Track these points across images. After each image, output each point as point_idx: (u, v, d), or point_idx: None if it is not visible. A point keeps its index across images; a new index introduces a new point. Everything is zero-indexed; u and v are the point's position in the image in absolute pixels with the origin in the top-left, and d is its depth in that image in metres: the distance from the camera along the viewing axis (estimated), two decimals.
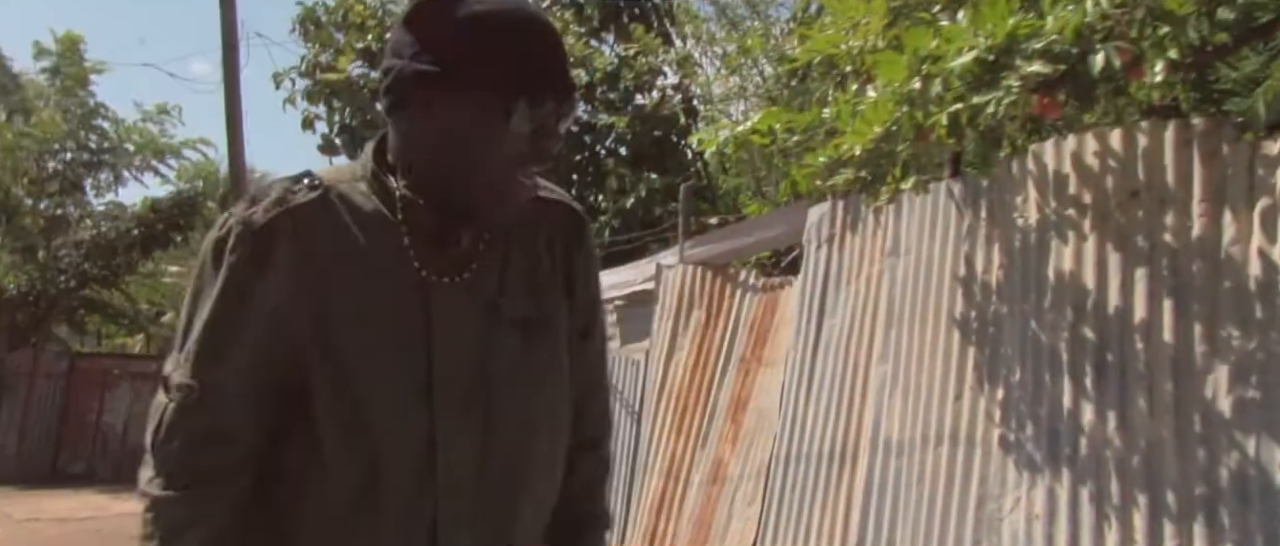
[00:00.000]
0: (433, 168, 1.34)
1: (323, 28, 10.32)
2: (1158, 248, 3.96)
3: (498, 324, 1.39)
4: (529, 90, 1.28)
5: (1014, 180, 4.46)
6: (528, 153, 1.31)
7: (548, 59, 1.33)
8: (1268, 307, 3.64)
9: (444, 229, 1.37)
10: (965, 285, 4.66)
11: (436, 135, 1.32)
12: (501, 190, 1.33)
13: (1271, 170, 3.72)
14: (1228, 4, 3.69)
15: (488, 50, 1.28)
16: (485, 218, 1.36)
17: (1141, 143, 4.05)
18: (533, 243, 1.47)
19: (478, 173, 1.32)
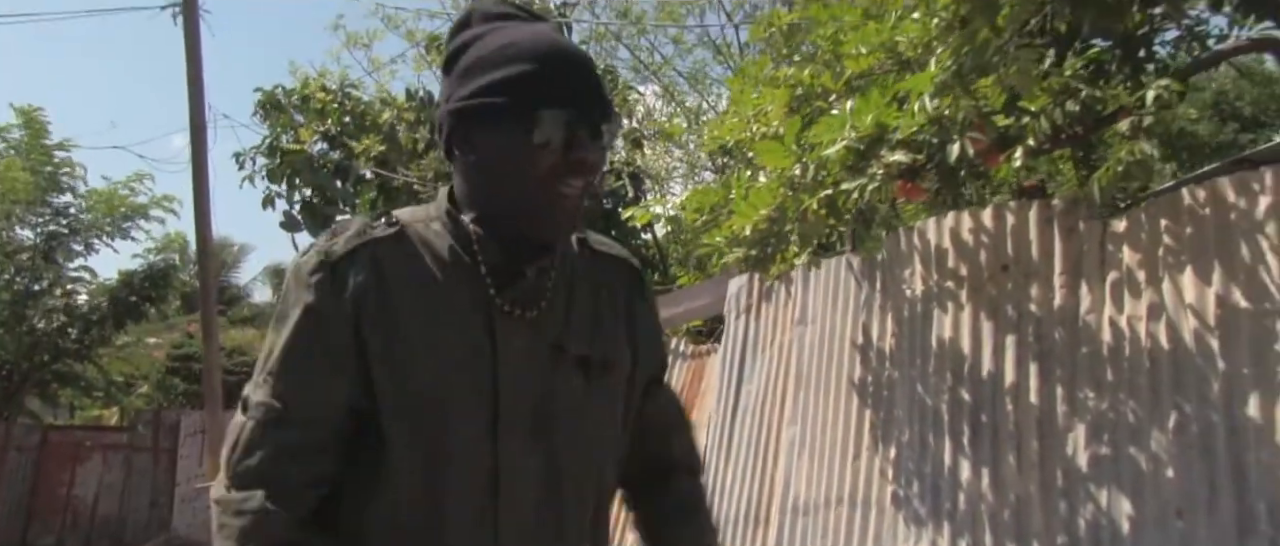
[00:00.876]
0: (482, 199, 1.40)
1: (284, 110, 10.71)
2: (1024, 316, 4.30)
3: (562, 362, 1.42)
4: (546, 102, 1.31)
5: (902, 254, 4.82)
6: (562, 166, 1.33)
7: (562, 71, 1.35)
8: (1117, 370, 3.98)
9: (510, 264, 1.40)
10: (862, 352, 4.99)
11: (478, 167, 1.38)
12: (543, 207, 1.35)
13: (1119, 246, 4.09)
14: (1074, 98, 4.08)
15: (505, 75, 1.33)
16: (534, 237, 1.39)
17: (1010, 221, 4.43)
18: (595, 291, 1.51)
19: (516, 193, 1.35)
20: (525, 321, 1.40)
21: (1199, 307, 3.77)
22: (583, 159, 1.34)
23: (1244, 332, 3.63)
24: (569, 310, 1.46)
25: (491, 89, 1.33)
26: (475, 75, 1.35)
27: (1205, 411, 3.67)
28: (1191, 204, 3.88)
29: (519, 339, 1.39)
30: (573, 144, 1.33)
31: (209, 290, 12.02)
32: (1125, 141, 3.82)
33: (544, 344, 1.41)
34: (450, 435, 1.34)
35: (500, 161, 1.35)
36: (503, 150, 1.34)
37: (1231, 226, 3.74)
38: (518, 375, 1.38)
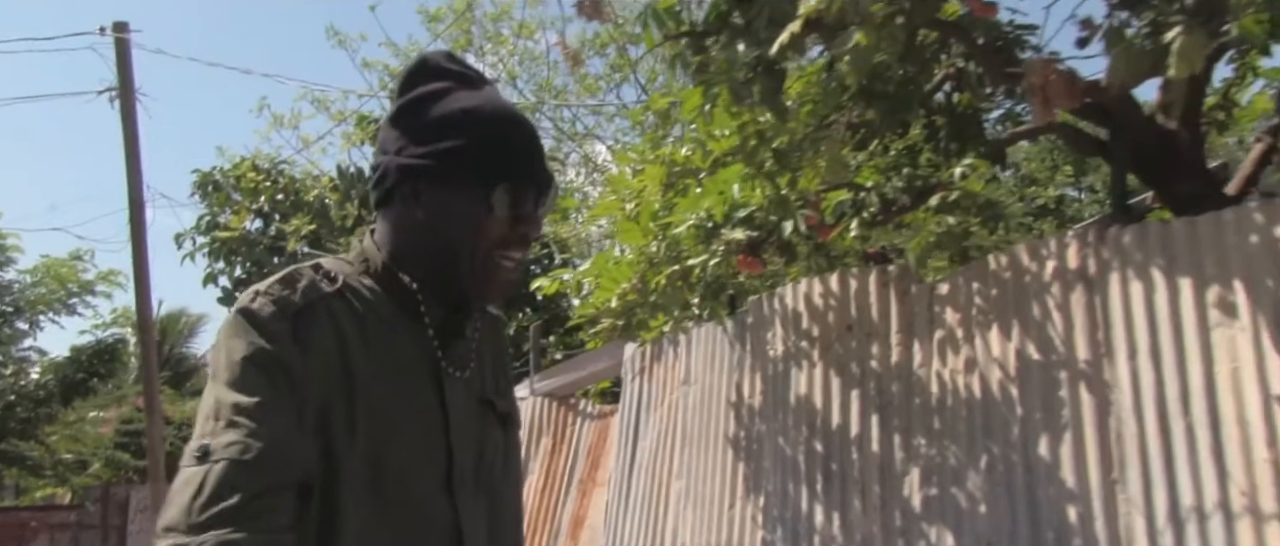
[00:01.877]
0: (425, 256, 1.38)
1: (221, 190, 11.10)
2: (867, 372, 4.78)
3: (489, 419, 1.45)
4: (509, 177, 1.34)
5: (766, 317, 5.29)
6: (510, 237, 1.36)
7: (526, 149, 1.39)
8: (942, 419, 4.45)
9: (449, 322, 1.41)
10: (736, 409, 5.43)
11: (424, 224, 1.36)
12: (487, 273, 1.36)
13: (944, 307, 4.58)
14: (899, 174, 4.60)
15: (470, 141, 1.34)
16: (477, 301, 1.40)
17: (853, 286, 4.91)
18: (492, 345, 1.53)
19: (464, 257, 1.35)
20: (462, 380, 1.41)
21: (1002, 360, 4.26)
22: (528, 233, 1.38)
23: (1036, 382, 4.12)
24: (482, 365, 1.48)
25: (454, 153, 1.34)
26: (435, 135, 1.35)
27: (1008, 452, 4.15)
28: (996, 268, 4.39)
29: (459, 397, 1.40)
30: (521, 217, 1.36)
31: (151, 364, 12.27)
32: (934, 214, 4.33)
33: (474, 400, 1.43)
34: (415, 494, 1.32)
35: (452, 223, 1.34)
36: (457, 214, 1.34)
37: (1026, 288, 4.25)
38: (463, 432, 1.39)
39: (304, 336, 1.27)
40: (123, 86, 12.53)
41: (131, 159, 12.39)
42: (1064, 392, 4.04)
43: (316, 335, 1.28)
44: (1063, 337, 4.09)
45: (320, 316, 1.30)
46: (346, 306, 1.33)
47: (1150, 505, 3.70)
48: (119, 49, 12.39)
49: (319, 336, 1.28)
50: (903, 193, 4.60)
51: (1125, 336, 3.92)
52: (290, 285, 1.31)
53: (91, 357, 18.38)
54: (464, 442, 1.39)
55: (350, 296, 1.35)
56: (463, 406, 1.40)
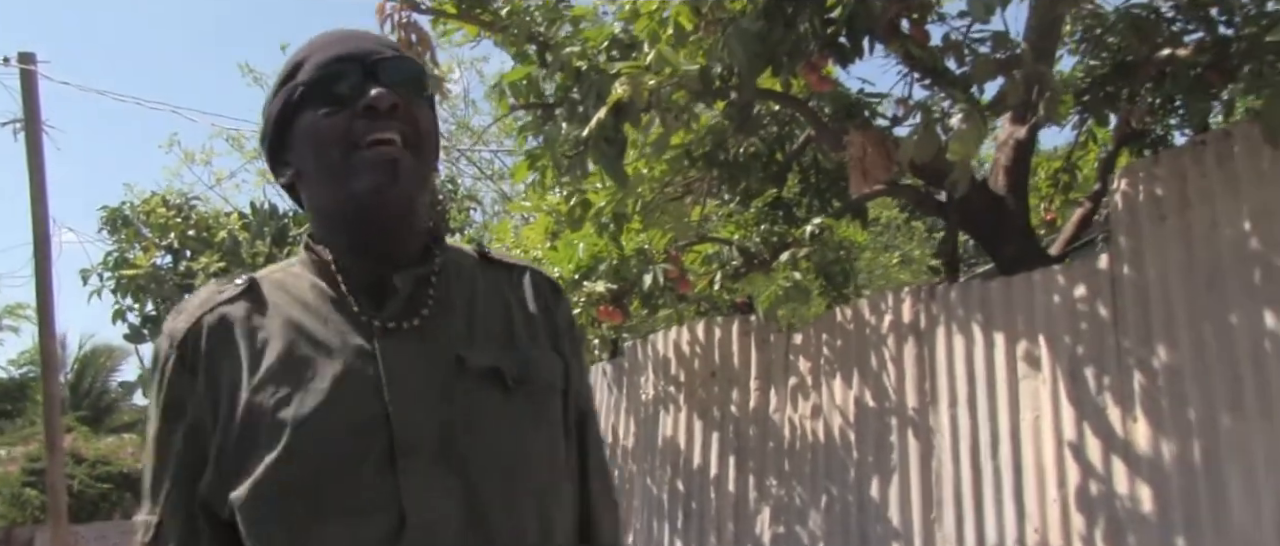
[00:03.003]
0: (319, 206, 1.31)
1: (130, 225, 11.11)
2: (726, 416, 5.07)
3: (465, 376, 1.24)
4: (330, 65, 1.27)
5: (639, 363, 5.57)
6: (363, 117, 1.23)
7: (339, 39, 1.32)
8: (792, 461, 4.75)
9: (377, 275, 1.26)
10: (611, 450, 5.68)
11: (303, 179, 1.30)
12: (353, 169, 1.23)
13: (797, 355, 4.90)
14: (756, 229, 4.92)
15: (290, 66, 1.31)
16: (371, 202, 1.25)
17: (718, 334, 5.22)
18: (503, 300, 1.35)
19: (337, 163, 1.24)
20: (413, 335, 1.24)
21: (843, 407, 4.59)
22: (375, 103, 1.23)
23: (871, 427, 4.45)
24: (470, 321, 1.30)
25: (283, 82, 1.31)
26: (273, 90, 1.33)
27: (845, 493, 4.46)
28: (841, 320, 4.72)
29: (408, 356, 1.23)
30: (363, 92, 1.24)
31: (54, 401, 12.14)
32: (784, 268, 4.65)
33: (443, 358, 1.24)
34: (344, 476, 1.17)
35: (313, 140, 1.26)
36: (311, 128, 1.26)
37: (866, 340, 4.59)
38: (412, 395, 1.20)
39: (193, 358, 1.23)
40: (28, 118, 12.44)
41: (36, 192, 12.30)
42: (894, 437, 4.37)
43: (206, 349, 1.23)
44: (895, 386, 4.43)
45: (209, 327, 1.24)
46: (255, 301, 1.27)
47: (961, 541, 4.03)
48: (25, 80, 12.33)
49: (209, 349, 1.23)
50: (762, 247, 4.92)
51: (948, 386, 4.26)
52: (180, 309, 1.29)
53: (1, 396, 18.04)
54: (408, 408, 1.19)
55: (264, 291, 1.28)
56: (410, 366, 1.22)
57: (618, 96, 3.06)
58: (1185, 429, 3.58)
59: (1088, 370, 3.89)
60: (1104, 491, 3.73)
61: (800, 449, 4.73)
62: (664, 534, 5.10)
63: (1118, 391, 3.80)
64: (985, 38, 3.50)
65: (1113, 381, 3.82)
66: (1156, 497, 3.59)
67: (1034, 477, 3.92)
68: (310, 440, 1.17)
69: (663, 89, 3.08)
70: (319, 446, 1.17)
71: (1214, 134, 3.74)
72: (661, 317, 5.13)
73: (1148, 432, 3.68)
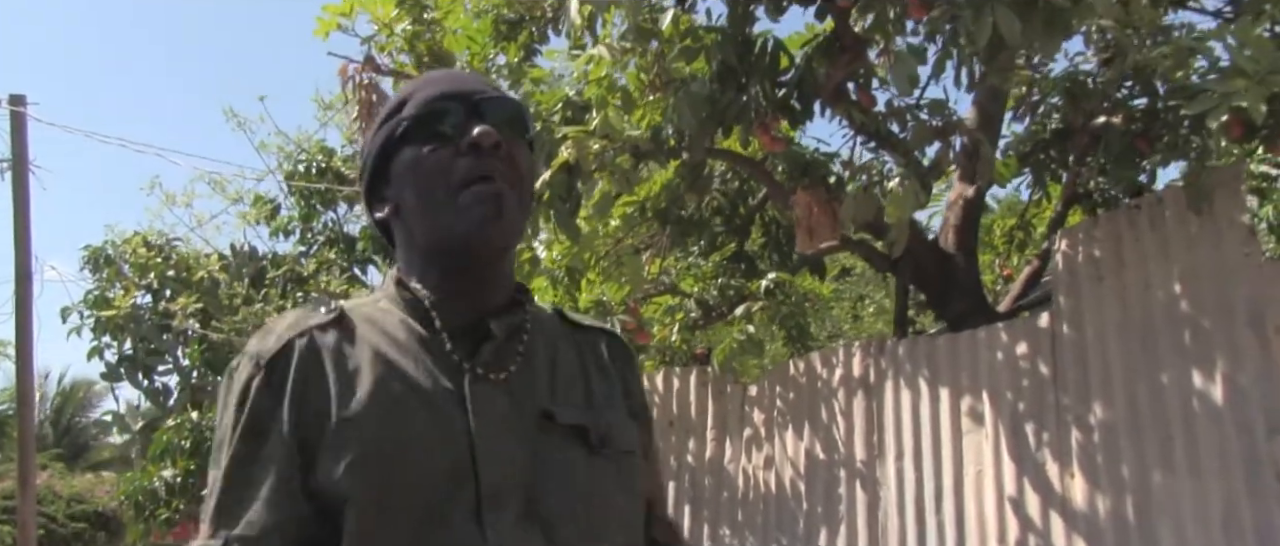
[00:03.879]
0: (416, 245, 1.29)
1: (111, 264, 11.17)
2: (683, 466, 5.14)
3: (553, 432, 1.24)
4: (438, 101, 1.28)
5: None
6: (461, 165, 1.23)
7: (433, 82, 1.33)
8: (745, 511, 4.82)
9: (472, 322, 1.25)
10: None
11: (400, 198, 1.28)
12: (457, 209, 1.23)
13: (753, 407, 4.99)
14: (714, 282, 5.02)
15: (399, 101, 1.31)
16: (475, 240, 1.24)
17: (676, 384, 5.30)
18: (582, 359, 1.35)
19: (441, 200, 1.23)
20: (502, 386, 1.23)
21: (795, 459, 4.66)
22: (479, 140, 1.24)
23: (820, 478, 4.52)
24: (554, 377, 1.29)
25: (388, 117, 1.31)
26: (377, 125, 1.33)
27: (794, 544, 4.52)
28: (794, 374, 4.81)
29: (498, 406, 1.21)
30: (467, 130, 1.24)
31: (27, 438, 12.12)
32: (739, 322, 4.75)
33: (529, 412, 1.23)
34: (428, 522, 1.15)
35: (417, 175, 1.25)
36: (414, 162, 1.26)
37: (818, 393, 4.67)
38: (500, 446, 1.19)
39: (281, 382, 1.20)
40: (16, 158, 12.55)
41: (20, 230, 12.37)
42: (842, 489, 4.44)
43: (296, 374, 1.20)
44: (844, 439, 4.51)
45: (300, 352, 1.21)
46: (345, 334, 1.24)
47: None
48: (14, 121, 12.45)
49: (299, 374, 1.20)
50: (719, 300, 5.03)
51: (894, 439, 4.35)
52: (269, 332, 1.26)
53: None
54: (496, 458, 1.18)
55: (352, 323, 1.25)
56: (499, 416, 1.21)
57: (563, 159, 3.17)
58: (1119, 485, 3.67)
59: (1028, 426, 3.99)
60: (1041, 544, 3.81)
61: (753, 499, 4.80)
62: None
63: (1056, 447, 3.89)
64: (925, 105, 3.63)
65: (1051, 437, 3.91)
66: None
67: (976, 531, 3.99)
68: (399, 481, 1.15)
69: (606, 153, 3.19)
70: (407, 488, 1.16)
71: (1147, 198, 3.87)
72: None
73: (1084, 488, 3.76)
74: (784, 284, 4.91)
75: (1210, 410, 3.49)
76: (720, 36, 3.80)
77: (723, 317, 5.15)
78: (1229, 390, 3.46)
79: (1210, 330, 3.56)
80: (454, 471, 1.16)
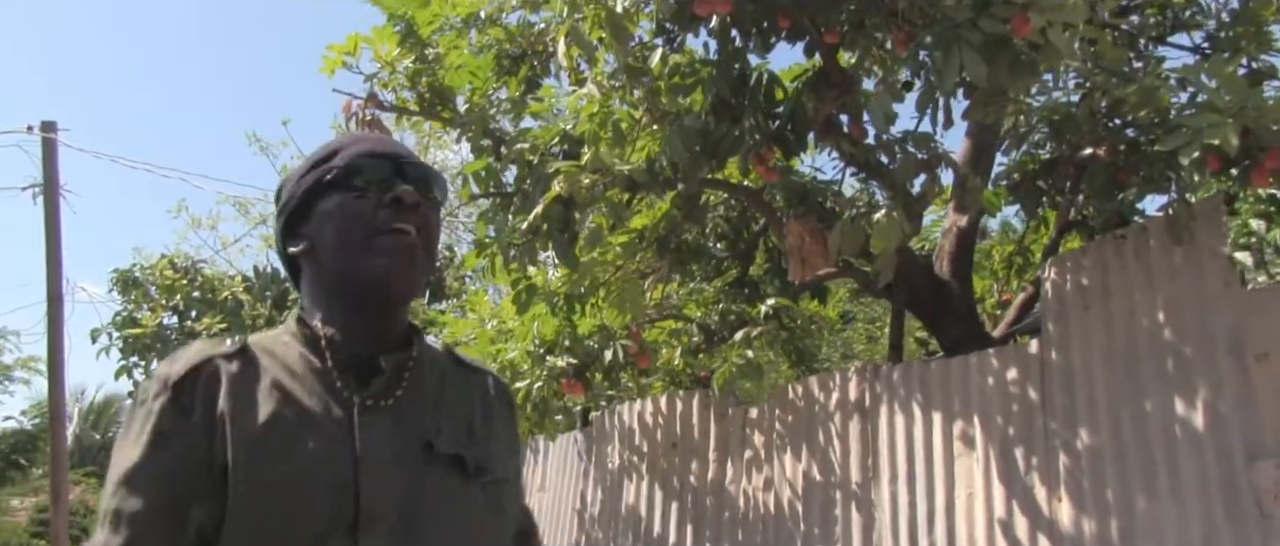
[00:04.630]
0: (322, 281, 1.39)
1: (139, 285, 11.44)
2: (685, 486, 5.24)
3: (433, 461, 1.33)
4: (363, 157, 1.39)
5: (607, 433, 5.76)
6: (388, 207, 1.36)
7: (373, 140, 1.45)
8: (745, 530, 4.91)
9: (365, 358, 1.35)
10: (579, 515, 5.85)
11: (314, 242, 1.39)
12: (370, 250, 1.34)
13: (753, 429, 5.08)
14: (715, 308, 5.13)
15: (326, 153, 1.42)
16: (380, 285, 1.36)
17: (679, 407, 5.41)
18: (467, 397, 1.46)
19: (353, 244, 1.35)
20: (387, 415, 1.33)
21: (793, 480, 4.76)
22: (402, 196, 1.36)
23: (817, 500, 4.61)
24: (438, 409, 1.40)
25: (315, 164, 1.41)
26: (302, 171, 1.43)
27: None
28: (793, 397, 4.91)
29: (381, 434, 1.31)
30: (391, 186, 1.37)
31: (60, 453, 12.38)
32: (738, 347, 4.86)
33: (413, 441, 1.33)
34: (309, 538, 1.24)
35: (340, 218, 1.37)
36: (339, 207, 1.37)
37: (815, 416, 4.77)
38: (382, 471, 1.29)
39: (187, 403, 1.29)
40: (47, 183, 12.83)
41: (52, 252, 12.65)
42: (838, 511, 4.53)
43: (200, 397, 1.29)
44: (840, 461, 4.60)
45: (204, 379, 1.30)
46: (247, 365, 1.34)
47: None
48: (46, 148, 12.75)
49: (203, 397, 1.29)
50: (720, 325, 5.13)
51: (888, 462, 4.43)
52: (176, 358, 1.35)
53: (10, 446, 18.30)
54: (377, 481, 1.28)
55: (255, 355, 1.35)
56: (384, 443, 1.31)
57: (555, 193, 3.31)
58: (1104, 508, 3.74)
59: (1017, 450, 4.06)
60: None
61: (753, 519, 4.89)
62: None
63: (1044, 471, 3.96)
64: (910, 138, 3.73)
65: (1040, 461, 3.99)
66: None
67: None
68: (286, 502, 1.24)
69: (596, 188, 3.32)
70: (292, 509, 1.24)
71: (1133, 228, 3.95)
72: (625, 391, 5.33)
73: (1071, 511, 3.83)
74: (787, 308, 5.01)
75: (1191, 436, 3.56)
76: (715, 70, 3.93)
77: (724, 341, 5.25)
78: (1210, 416, 3.53)
79: (1192, 357, 3.63)
80: (338, 492, 1.25)
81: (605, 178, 3.37)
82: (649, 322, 5.16)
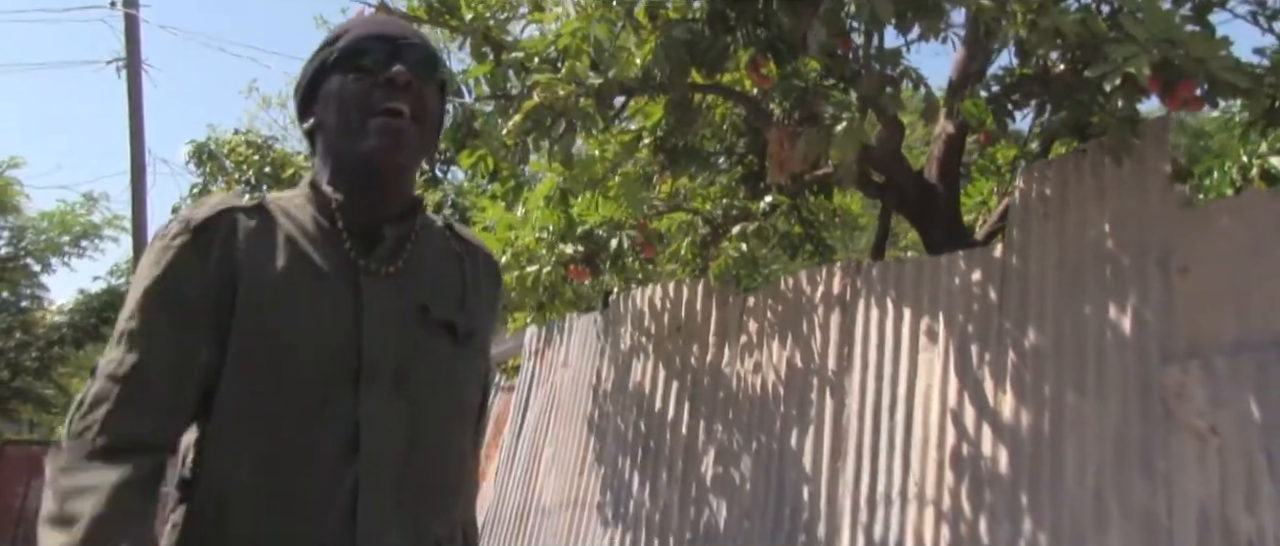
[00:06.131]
0: (330, 154, 1.48)
1: (214, 159, 12.13)
2: (686, 367, 5.70)
3: (427, 324, 1.44)
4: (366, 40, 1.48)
5: (620, 315, 6.22)
6: (384, 86, 1.44)
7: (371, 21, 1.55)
8: (734, 409, 5.37)
9: (370, 225, 1.45)
10: (594, 392, 6.37)
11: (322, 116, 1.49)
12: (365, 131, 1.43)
13: (749, 316, 5.49)
14: (721, 202, 5.49)
15: (334, 35, 1.52)
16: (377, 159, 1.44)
17: (685, 293, 5.82)
18: (460, 268, 1.56)
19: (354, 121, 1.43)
20: (389, 280, 1.43)
21: (778, 365, 5.17)
22: (395, 77, 1.43)
23: (797, 384, 5.03)
24: (436, 278, 1.50)
25: (323, 46, 1.51)
26: (315, 53, 1.52)
27: (770, 442, 5.06)
28: (784, 289, 5.29)
29: (383, 296, 1.41)
30: (388, 67, 1.45)
31: None
32: (734, 240, 5.23)
33: (410, 304, 1.44)
34: (313, 386, 1.34)
35: (338, 99, 1.45)
36: (339, 89, 1.45)
37: (802, 308, 5.15)
38: (381, 328, 1.39)
39: (205, 245, 1.36)
40: (130, 58, 13.48)
41: (135, 126, 13.41)
42: (815, 395, 4.94)
43: (218, 242, 1.36)
44: (820, 350, 4.99)
45: (224, 226, 1.38)
46: (264, 219, 1.41)
47: (858, 489, 4.61)
48: (128, 23, 13.36)
49: (221, 243, 1.36)
50: (725, 219, 5.50)
51: (862, 352, 4.81)
52: (201, 204, 1.43)
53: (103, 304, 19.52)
54: (377, 339, 1.38)
55: (272, 211, 1.43)
56: (384, 304, 1.41)
57: (532, 104, 3.67)
58: (1041, 403, 4.09)
59: (973, 346, 4.40)
60: (973, 453, 4.27)
61: (742, 400, 5.34)
62: (626, 467, 5.78)
63: (994, 367, 4.31)
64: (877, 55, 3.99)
65: (992, 358, 4.33)
66: (1011, 460, 4.12)
67: (920, 438, 4.47)
68: (292, 353, 1.34)
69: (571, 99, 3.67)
70: (301, 358, 1.34)
71: (1093, 144, 4.18)
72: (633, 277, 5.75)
73: (1012, 404, 4.19)
74: (806, 203, 5.34)
75: (1119, 339, 3.87)
76: None
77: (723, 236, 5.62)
78: (1135, 323, 3.83)
79: (1126, 268, 3.91)
80: (341, 346, 1.36)
81: (580, 89, 3.72)
82: (657, 215, 5.54)
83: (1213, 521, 3.45)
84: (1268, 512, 3.31)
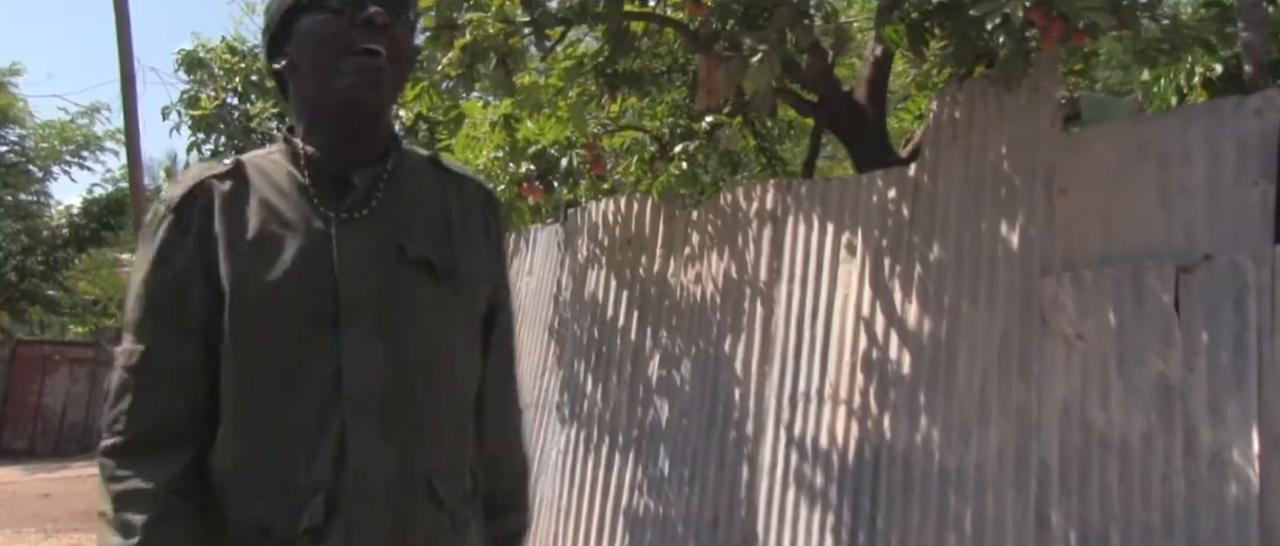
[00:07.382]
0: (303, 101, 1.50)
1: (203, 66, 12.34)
2: (635, 277, 6.07)
3: (403, 263, 1.46)
4: None
5: (578, 227, 6.57)
6: (359, 26, 1.43)
7: None
8: (678, 316, 5.75)
9: (341, 171, 1.47)
10: (555, 300, 6.76)
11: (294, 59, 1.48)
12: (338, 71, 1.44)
13: (692, 230, 5.84)
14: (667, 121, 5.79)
15: None
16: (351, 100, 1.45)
17: (636, 209, 6.16)
18: (445, 204, 1.56)
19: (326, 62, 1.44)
20: (362, 223, 1.46)
21: (716, 276, 5.54)
22: (372, 17, 1.43)
23: (732, 294, 5.40)
24: (413, 217, 1.51)
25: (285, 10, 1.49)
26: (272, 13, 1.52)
27: (707, 347, 5.46)
28: (723, 204, 5.62)
29: (357, 239, 1.44)
30: (362, 6, 1.44)
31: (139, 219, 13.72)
32: (677, 159, 5.54)
33: (387, 246, 1.46)
34: (296, 335, 1.40)
35: (312, 39, 1.45)
36: (310, 28, 1.45)
37: (739, 222, 5.49)
38: (356, 271, 1.42)
39: (185, 221, 1.43)
40: None
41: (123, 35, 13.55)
42: (747, 304, 5.32)
43: (196, 213, 1.43)
44: (753, 262, 5.35)
45: (199, 197, 1.44)
46: (239, 181, 1.46)
47: (781, 390, 5.03)
48: None
49: (198, 214, 1.43)
50: (670, 138, 5.80)
51: (789, 265, 5.17)
52: (177, 181, 1.49)
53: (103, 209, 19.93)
54: (352, 284, 1.42)
55: (247, 172, 1.48)
56: (359, 250, 1.44)
57: (463, 41, 3.95)
58: (940, 312, 4.46)
59: (886, 259, 4.76)
60: (881, 356, 4.66)
61: (685, 308, 5.72)
62: (581, 371, 6.20)
63: (903, 278, 4.67)
64: None
65: (901, 270, 4.68)
66: (913, 363, 4.51)
67: (836, 343, 4.85)
68: (275, 301, 1.39)
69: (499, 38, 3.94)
70: (281, 307, 1.40)
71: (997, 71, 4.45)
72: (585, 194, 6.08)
73: (916, 312, 4.56)
74: (760, 118, 5.61)
75: (1007, 253, 4.22)
76: None
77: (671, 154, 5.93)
78: (1022, 239, 4.17)
79: (1018, 188, 4.24)
80: (318, 293, 1.41)
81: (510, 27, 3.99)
82: (607, 133, 5.84)
83: (1073, 417, 3.85)
84: (1116, 408, 3.71)
